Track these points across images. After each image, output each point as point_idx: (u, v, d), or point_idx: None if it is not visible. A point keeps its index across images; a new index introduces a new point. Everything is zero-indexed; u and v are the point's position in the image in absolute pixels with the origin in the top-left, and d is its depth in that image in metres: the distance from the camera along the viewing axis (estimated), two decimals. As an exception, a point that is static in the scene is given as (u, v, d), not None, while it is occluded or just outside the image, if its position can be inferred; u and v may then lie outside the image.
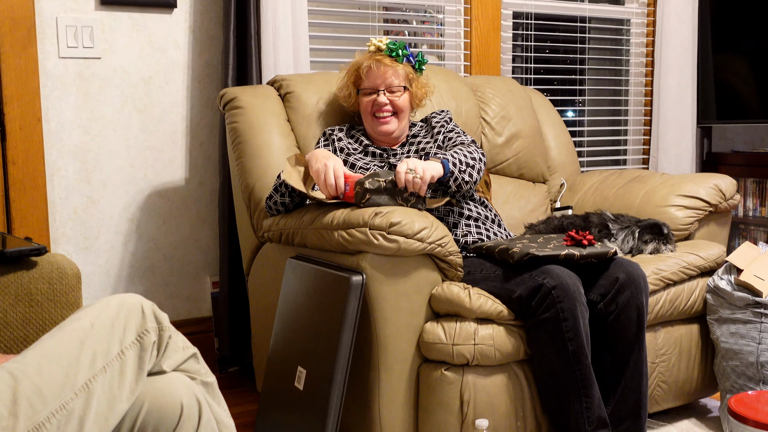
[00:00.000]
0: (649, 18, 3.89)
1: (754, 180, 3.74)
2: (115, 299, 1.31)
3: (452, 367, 2.02)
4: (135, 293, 2.81)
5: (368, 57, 2.48)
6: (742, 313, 2.29)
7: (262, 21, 2.79)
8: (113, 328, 1.26)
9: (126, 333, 1.29)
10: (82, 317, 1.26)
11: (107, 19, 2.73)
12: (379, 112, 2.45)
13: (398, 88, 2.46)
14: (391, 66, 2.46)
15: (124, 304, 1.30)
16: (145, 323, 1.31)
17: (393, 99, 2.46)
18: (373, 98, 2.45)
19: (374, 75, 2.45)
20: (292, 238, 2.25)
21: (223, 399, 1.49)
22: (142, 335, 1.31)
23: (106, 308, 1.29)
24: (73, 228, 2.74)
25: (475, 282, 2.10)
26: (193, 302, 2.98)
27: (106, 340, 1.24)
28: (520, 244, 2.16)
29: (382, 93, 2.44)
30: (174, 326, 1.39)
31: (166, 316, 1.38)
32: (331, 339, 1.95)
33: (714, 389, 2.53)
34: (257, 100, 2.61)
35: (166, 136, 2.87)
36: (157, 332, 1.33)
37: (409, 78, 2.50)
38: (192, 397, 1.33)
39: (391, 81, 2.46)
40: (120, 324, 1.27)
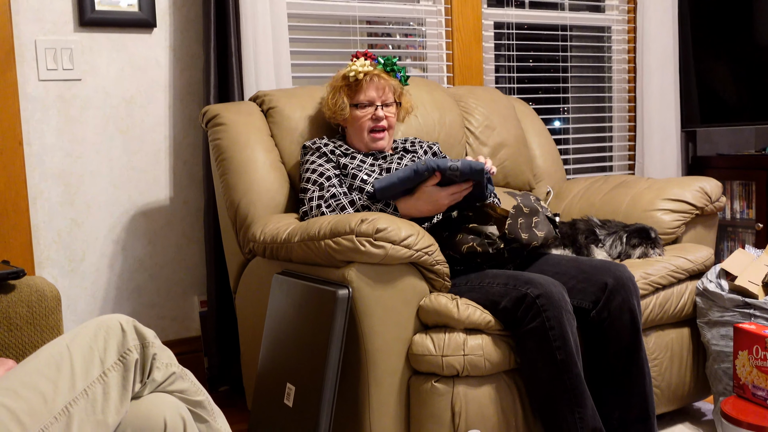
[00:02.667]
0: (629, 25, 3.91)
1: (740, 182, 3.74)
2: (94, 321, 1.29)
3: (442, 379, 2.00)
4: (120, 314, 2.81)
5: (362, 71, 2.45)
6: (732, 315, 2.28)
7: (243, 38, 2.79)
8: (92, 350, 1.24)
9: (107, 354, 1.26)
10: (58, 341, 1.24)
11: (87, 41, 2.72)
12: (376, 127, 2.45)
13: (392, 103, 2.48)
14: (387, 80, 2.47)
15: (102, 324, 1.28)
16: (126, 342, 1.29)
17: (387, 114, 2.46)
18: (368, 112, 2.44)
19: (372, 88, 2.45)
20: (278, 252, 2.23)
21: (221, 413, 1.47)
22: (125, 355, 1.29)
23: (84, 330, 1.27)
24: (57, 251, 2.71)
25: (460, 294, 2.08)
26: (181, 322, 2.95)
27: (85, 363, 1.22)
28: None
29: (380, 107, 2.44)
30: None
31: (152, 332, 1.36)
32: (319, 354, 1.93)
33: (707, 392, 2.52)
34: (240, 117, 2.60)
35: (149, 155, 2.85)
36: (140, 350, 1.31)
37: (399, 93, 2.51)
38: (177, 416, 1.31)
39: (388, 96, 2.46)
40: (99, 345, 1.25)
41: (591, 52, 3.98)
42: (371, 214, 1.96)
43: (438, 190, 2.13)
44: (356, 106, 2.46)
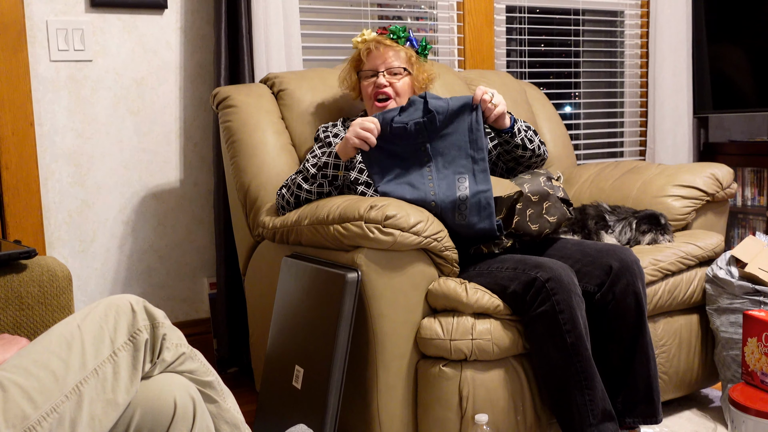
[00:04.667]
0: (642, 9, 3.88)
1: (752, 169, 3.72)
2: (104, 301, 1.30)
3: (450, 363, 2.00)
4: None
5: (364, 39, 2.45)
6: (741, 302, 2.28)
7: (254, 19, 2.78)
8: (102, 330, 1.25)
9: (117, 333, 1.27)
10: (69, 321, 1.25)
11: (98, 21, 2.72)
12: (378, 95, 2.40)
13: (398, 70, 2.40)
14: (391, 47, 2.42)
15: (113, 304, 1.29)
16: (136, 322, 1.30)
17: (393, 81, 2.39)
18: (373, 80, 2.41)
19: (374, 56, 2.41)
20: (287, 236, 2.23)
21: (231, 393, 1.48)
22: (135, 335, 1.30)
23: (94, 310, 1.27)
24: (68, 232, 2.73)
25: (469, 278, 2.08)
26: (191, 304, 2.97)
27: (96, 342, 1.23)
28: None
29: (381, 74, 2.39)
30: (172, 327, 1.38)
31: (162, 312, 1.37)
32: (328, 337, 1.94)
33: (715, 379, 2.52)
34: (250, 99, 2.60)
35: (159, 137, 2.86)
36: (150, 330, 1.32)
37: (411, 61, 2.44)
38: (186, 396, 1.32)
39: (392, 62, 2.40)
40: (109, 325, 1.26)
41: (603, 37, 3.95)
42: (381, 200, 1.96)
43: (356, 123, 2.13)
44: (362, 76, 2.45)
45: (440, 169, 2.13)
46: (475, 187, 2.09)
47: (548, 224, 2.17)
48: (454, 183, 2.10)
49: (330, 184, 2.19)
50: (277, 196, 2.31)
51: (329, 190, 2.22)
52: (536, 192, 2.17)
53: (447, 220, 2.08)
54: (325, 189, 2.20)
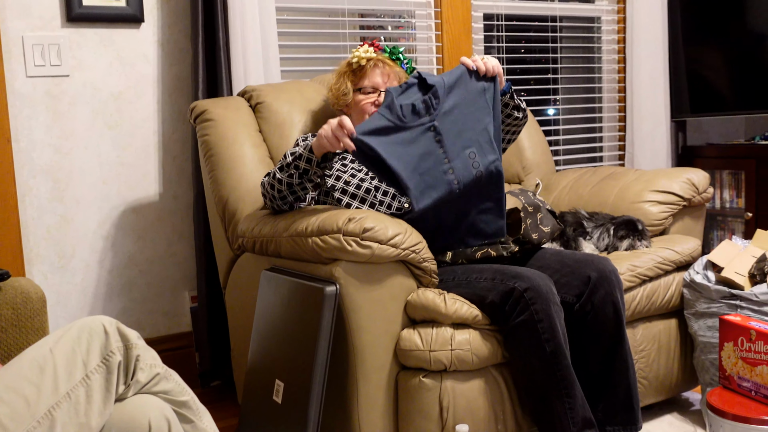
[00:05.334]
0: (619, 15, 3.90)
1: (730, 172, 3.75)
2: (77, 323, 1.30)
3: (430, 374, 2.01)
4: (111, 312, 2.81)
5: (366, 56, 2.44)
6: (718, 306, 2.30)
7: (231, 32, 2.78)
8: (74, 352, 1.24)
9: (90, 356, 1.27)
10: (42, 344, 1.25)
11: (74, 36, 2.71)
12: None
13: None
14: (392, 67, 2.47)
15: (86, 326, 1.29)
16: (109, 344, 1.30)
17: None
18: (371, 97, 2.42)
19: (377, 74, 2.44)
20: (266, 246, 2.23)
21: (207, 412, 1.48)
22: (108, 357, 1.30)
23: (67, 333, 1.27)
24: (47, 248, 2.72)
25: (447, 289, 2.09)
26: (172, 318, 2.96)
27: (68, 365, 1.23)
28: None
29: (383, 93, 2.41)
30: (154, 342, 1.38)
31: (135, 332, 1.37)
32: (308, 351, 1.94)
33: (695, 383, 2.54)
34: (228, 112, 2.60)
35: (138, 151, 2.85)
36: (123, 351, 1.32)
37: (402, 80, 2.48)
38: (161, 417, 1.32)
39: (392, 83, 2.45)
40: (82, 347, 1.26)
41: (581, 43, 3.98)
42: (359, 213, 1.97)
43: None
44: (359, 91, 2.45)
45: (451, 147, 2.12)
46: (485, 158, 2.12)
47: (545, 234, 2.21)
48: (467, 160, 2.12)
49: (301, 177, 2.12)
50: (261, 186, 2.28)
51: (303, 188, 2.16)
52: (531, 203, 2.25)
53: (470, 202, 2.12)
54: (295, 180, 2.13)
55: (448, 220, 2.16)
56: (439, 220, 2.15)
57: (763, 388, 2.02)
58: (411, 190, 2.07)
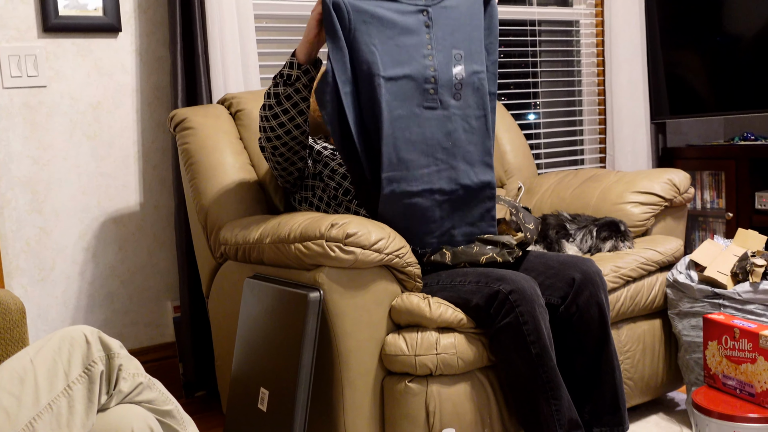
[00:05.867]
0: (597, 18, 3.93)
1: (710, 173, 3.78)
2: (58, 333, 1.28)
3: (416, 379, 2.00)
4: (93, 323, 2.78)
5: None
6: (702, 305, 2.30)
7: (209, 40, 2.77)
8: (55, 363, 1.23)
9: (71, 366, 1.25)
10: (22, 355, 1.23)
11: (51, 47, 2.69)
12: None
13: None
14: None
15: (67, 336, 1.27)
16: (91, 354, 1.28)
17: None
18: None
19: None
20: (249, 254, 2.22)
21: (192, 422, 1.46)
22: (90, 367, 1.28)
23: (48, 343, 1.25)
24: (26, 260, 2.69)
25: (432, 293, 2.08)
26: (155, 328, 2.93)
27: (49, 376, 1.21)
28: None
29: None
30: (137, 353, 1.37)
31: (118, 342, 1.35)
32: (292, 358, 1.93)
33: (680, 383, 2.54)
34: (208, 120, 2.59)
35: (118, 161, 2.83)
36: (105, 360, 1.30)
37: None
38: (144, 426, 1.30)
39: None
40: (63, 358, 1.24)
41: (560, 47, 4.00)
42: (342, 218, 1.96)
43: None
44: None
45: (439, 40, 2.13)
46: (470, 66, 2.14)
47: (531, 232, 2.22)
48: (451, 58, 2.13)
49: (285, 85, 2.11)
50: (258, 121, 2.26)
51: (289, 99, 2.12)
52: (512, 206, 2.28)
53: (443, 99, 2.11)
54: (281, 89, 2.12)
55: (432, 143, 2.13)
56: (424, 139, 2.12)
57: (748, 386, 2.03)
58: (379, 54, 2.04)
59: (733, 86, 3.67)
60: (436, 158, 2.14)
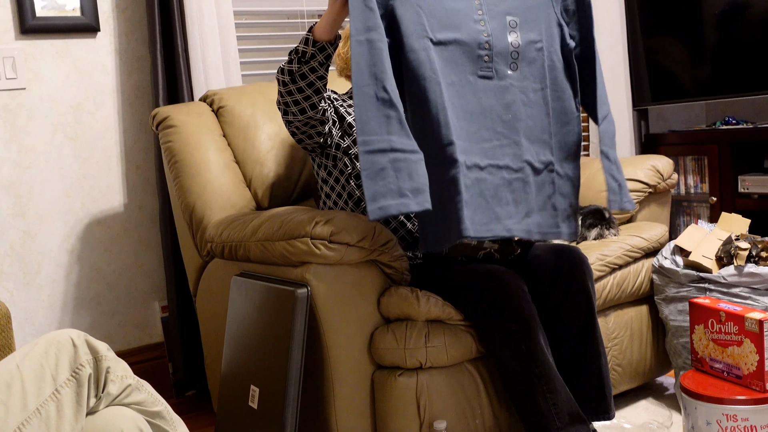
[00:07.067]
0: (577, 6, 3.93)
1: (693, 158, 3.79)
2: (44, 337, 1.27)
3: (406, 372, 2.00)
4: (80, 326, 2.77)
5: None
6: (687, 290, 2.32)
7: (189, 38, 2.75)
8: (42, 367, 1.22)
9: (59, 370, 1.25)
10: (8, 361, 1.22)
11: (29, 48, 2.67)
12: None
13: None
14: None
15: (53, 340, 1.26)
16: (78, 357, 1.28)
17: None
18: None
19: None
20: (235, 251, 2.21)
21: (182, 422, 1.46)
22: (77, 370, 1.27)
23: (34, 348, 1.25)
24: (11, 265, 2.67)
25: (420, 286, 2.07)
26: (144, 329, 2.92)
27: (37, 381, 1.20)
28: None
29: None
30: (126, 355, 1.36)
31: (105, 344, 1.34)
32: (281, 355, 1.93)
33: (668, 367, 2.56)
34: (190, 118, 2.57)
35: (100, 162, 2.81)
36: (93, 363, 1.30)
37: None
38: (134, 428, 1.30)
39: None
40: (50, 362, 1.24)
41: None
42: (326, 214, 1.95)
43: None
44: None
45: (490, 5, 1.95)
46: (527, 35, 1.95)
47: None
48: (506, 25, 1.94)
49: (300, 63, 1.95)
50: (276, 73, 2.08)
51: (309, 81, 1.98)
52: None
53: (499, 69, 1.92)
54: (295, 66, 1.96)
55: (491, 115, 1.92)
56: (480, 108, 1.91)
57: (735, 369, 2.05)
58: (425, 16, 1.85)
59: (713, 71, 3.69)
60: (497, 132, 1.92)
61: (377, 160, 1.72)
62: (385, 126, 1.74)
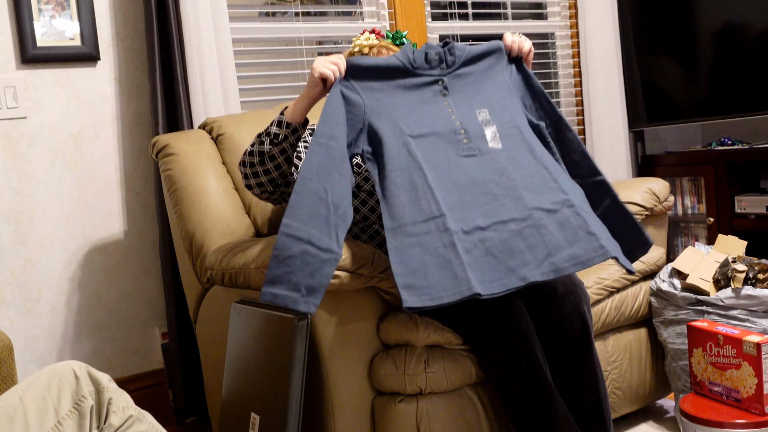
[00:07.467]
0: (572, 30, 3.97)
1: (690, 178, 3.82)
2: (46, 370, 1.28)
3: (406, 398, 2.01)
4: (81, 353, 2.77)
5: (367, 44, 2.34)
6: (686, 313, 2.33)
7: (188, 66, 2.78)
8: (45, 399, 1.23)
9: (61, 402, 1.26)
10: (11, 393, 1.23)
11: (30, 78, 2.69)
12: None
13: None
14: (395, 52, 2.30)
15: (55, 372, 1.27)
16: (80, 389, 1.29)
17: None
18: None
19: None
20: (235, 278, 2.22)
21: None
22: (79, 402, 1.28)
23: (36, 380, 1.26)
24: (12, 292, 2.68)
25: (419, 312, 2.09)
26: (144, 355, 2.93)
27: (39, 413, 1.21)
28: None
29: None
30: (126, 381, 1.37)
31: (107, 375, 1.35)
32: (282, 382, 1.93)
33: (668, 390, 2.56)
34: (190, 146, 2.59)
35: (100, 189, 2.83)
36: (95, 395, 1.31)
37: None
38: (136, 460, 1.30)
39: None
40: (53, 394, 1.24)
41: (537, 59, 4.03)
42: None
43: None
44: None
45: (458, 104, 2.08)
46: (498, 119, 2.05)
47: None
48: (475, 117, 2.05)
49: (272, 144, 2.07)
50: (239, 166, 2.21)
51: (276, 164, 2.09)
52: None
53: (480, 147, 1.99)
54: (266, 148, 2.08)
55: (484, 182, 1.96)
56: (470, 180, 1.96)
57: (734, 392, 2.05)
58: (400, 120, 1.99)
59: (709, 91, 3.72)
60: (495, 194, 1.94)
61: (291, 245, 1.80)
62: (312, 219, 1.82)
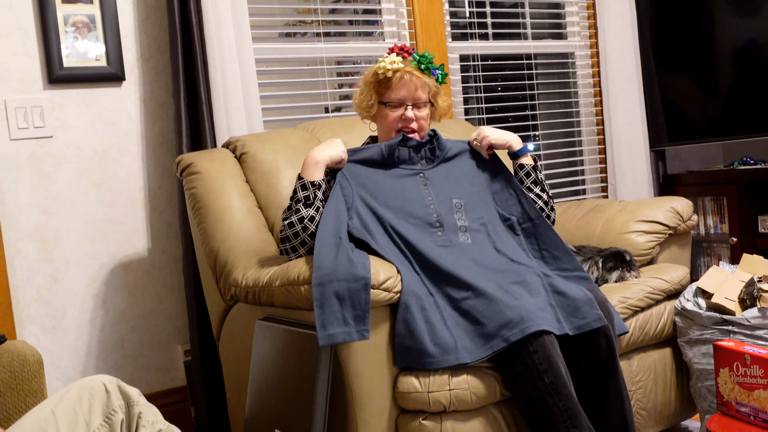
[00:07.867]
0: (592, 49, 3.98)
1: (712, 198, 3.80)
2: (77, 384, 1.29)
3: (430, 416, 2.00)
4: (105, 370, 2.79)
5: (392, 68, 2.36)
6: (711, 332, 2.31)
7: (212, 85, 2.81)
8: (76, 413, 1.24)
9: (92, 416, 1.27)
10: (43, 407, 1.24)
11: (57, 98, 2.73)
12: (404, 129, 2.36)
13: (424, 104, 2.38)
14: (419, 78, 2.36)
15: (86, 386, 1.28)
16: (111, 403, 1.30)
17: (418, 115, 2.37)
18: (398, 112, 2.36)
19: (402, 86, 2.35)
20: (259, 296, 2.23)
21: None
22: (110, 416, 1.29)
23: (67, 394, 1.27)
24: (37, 309, 2.70)
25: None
26: (166, 372, 2.94)
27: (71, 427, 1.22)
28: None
29: (409, 108, 2.35)
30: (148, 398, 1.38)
31: (136, 390, 1.36)
32: (306, 399, 1.93)
33: (693, 411, 2.54)
34: (214, 164, 2.62)
35: (125, 207, 2.86)
36: (125, 409, 1.32)
37: (433, 92, 2.41)
38: (165, 474, 1.31)
39: (419, 95, 2.36)
40: (84, 407, 1.26)
41: (557, 79, 4.04)
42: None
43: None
44: (386, 105, 2.37)
45: (437, 194, 2.32)
46: (471, 214, 2.32)
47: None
48: (452, 206, 2.30)
49: (306, 207, 2.19)
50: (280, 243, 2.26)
51: (316, 221, 2.18)
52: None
53: (452, 239, 2.23)
54: (304, 213, 2.18)
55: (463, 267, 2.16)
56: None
57: (762, 413, 2.03)
58: (384, 206, 2.25)
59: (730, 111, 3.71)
60: (473, 271, 2.14)
61: (324, 290, 1.94)
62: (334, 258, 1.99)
